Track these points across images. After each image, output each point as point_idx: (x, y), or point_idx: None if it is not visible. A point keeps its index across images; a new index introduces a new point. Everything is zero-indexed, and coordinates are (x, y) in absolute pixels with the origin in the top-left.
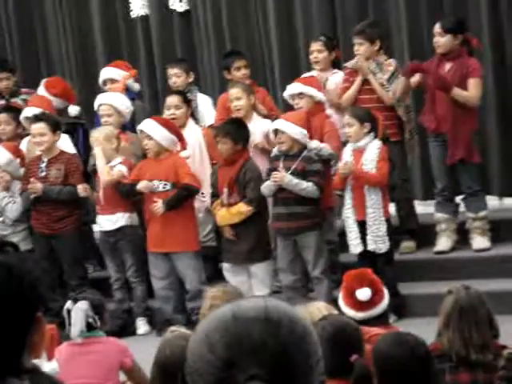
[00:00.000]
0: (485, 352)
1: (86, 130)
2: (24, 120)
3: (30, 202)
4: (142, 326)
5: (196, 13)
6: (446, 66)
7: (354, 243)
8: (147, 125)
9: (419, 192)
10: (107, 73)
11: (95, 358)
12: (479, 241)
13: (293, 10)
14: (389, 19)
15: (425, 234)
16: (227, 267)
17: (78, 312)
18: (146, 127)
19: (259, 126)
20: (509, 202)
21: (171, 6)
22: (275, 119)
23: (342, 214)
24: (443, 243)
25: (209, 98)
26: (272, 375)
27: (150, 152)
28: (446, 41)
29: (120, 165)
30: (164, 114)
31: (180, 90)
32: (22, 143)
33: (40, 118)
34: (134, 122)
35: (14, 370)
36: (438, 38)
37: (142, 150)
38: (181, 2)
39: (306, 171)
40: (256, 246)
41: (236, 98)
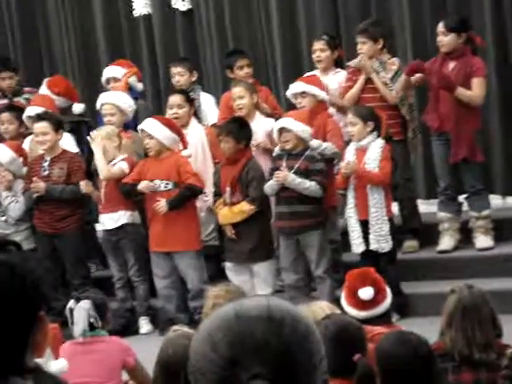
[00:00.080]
0: (488, 351)
1: (90, 127)
2: (27, 119)
3: (32, 201)
4: (144, 325)
5: (198, 12)
6: (450, 64)
7: (356, 242)
8: (148, 124)
9: (422, 191)
10: (110, 71)
11: (98, 357)
12: (482, 240)
13: (295, 9)
14: (392, 18)
15: (428, 233)
16: (230, 266)
17: (80, 311)
18: (147, 126)
19: (262, 124)
20: None
21: (174, 5)
22: (278, 118)
23: (344, 213)
24: (446, 242)
25: (212, 97)
26: (275, 374)
27: (152, 151)
28: (450, 40)
29: (121, 162)
30: (166, 113)
31: (182, 89)
32: (25, 142)
33: (42, 117)
34: (137, 120)
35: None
36: (441, 37)
37: (144, 150)
38: (183, 0)
39: (309, 170)
40: (258, 245)
41: (239, 97)
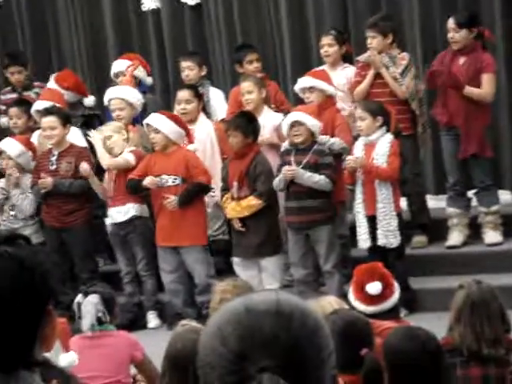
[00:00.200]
0: (497, 346)
1: (102, 121)
2: (35, 113)
3: (40, 195)
4: (152, 319)
5: (207, 6)
6: (460, 60)
7: (363, 238)
8: (154, 118)
9: (431, 186)
10: (119, 65)
11: (106, 352)
12: (491, 235)
13: (304, 3)
14: (401, 12)
15: (436, 228)
16: (237, 261)
17: (88, 305)
18: (154, 121)
19: (270, 119)
20: None
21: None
22: (286, 113)
23: (353, 208)
24: (455, 238)
25: (221, 92)
26: (283, 368)
27: (158, 146)
28: (462, 36)
29: (128, 153)
30: (175, 108)
31: (191, 84)
32: (33, 136)
33: (50, 112)
34: (146, 115)
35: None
36: (452, 33)
37: (151, 144)
38: None
39: (318, 164)
40: (266, 239)
41: (247, 92)
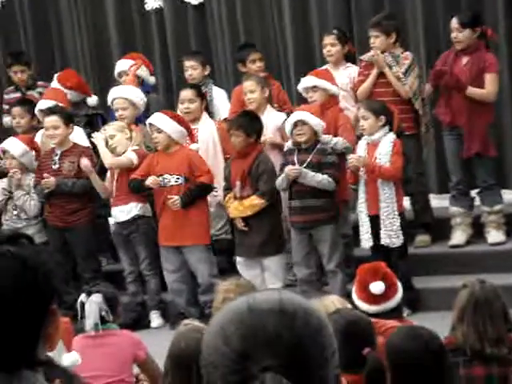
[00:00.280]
0: (499, 346)
1: (105, 120)
2: (38, 113)
3: (43, 195)
4: (155, 319)
5: (210, 5)
6: (463, 59)
7: (366, 237)
8: (157, 118)
9: (434, 186)
10: (122, 65)
11: (109, 351)
12: (494, 235)
13: (308, 1)
14: (404, 12)
15: (440, 227)
16: (240, 261)
17: (91, 305)
18: (156, 120)
19: (272, 119)
20: None
21: None
22: (288, 113)
23: (356, 207)
24: (458, 237)
25: (224, 91)
26: (286, 368)
27: (160, 145)
28: (465, 35)
29: (130, 152)
30: (178, 107)
31: (194, 84)
32: (37, 136)
33: (53, 111)
34: (148, 114)
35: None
36: (456, 33)
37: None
38: None
39: (322, 163)
40: (269, 239)
41: (250, 91)
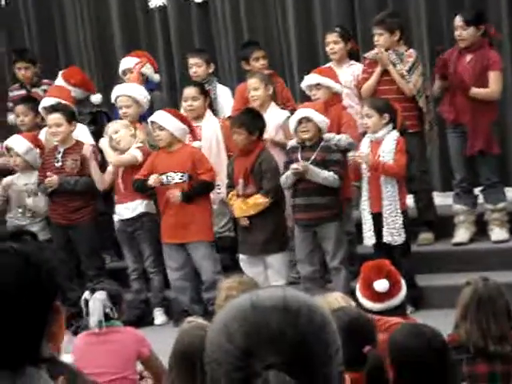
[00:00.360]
0: (503, 343)
1: (109, 118)
2: (42, 110)
3: (46, 193)
4: (159, 316)
5: (214, 3)
6: (467, 57)
7: (368, 235)
8: (159, 116)
9: (438, 183)
10: (127, 63)
11: (113, 348)
12: (498, 232)
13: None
14: (408, 9)
15: (443, 225)
16: (243, 258)
17: (95, 302)
18: (158, 118)
19: (275, 116)
20: None
21: None
22: (292, 111)
23: (359, 205)
24: (461, 235)
25: (228, 89)
26: (290, 365)
27: (162, 143)
28: (470, 33)
29: (135, 149)
30: (181, 105)
31: (197, 82)
32: (41, 133)
33: (56, 109)
34: (152, 112)
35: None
36: (460, 31)
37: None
38: None
39: (326, 161)
40: (272, 236)
41: (253, 88)
